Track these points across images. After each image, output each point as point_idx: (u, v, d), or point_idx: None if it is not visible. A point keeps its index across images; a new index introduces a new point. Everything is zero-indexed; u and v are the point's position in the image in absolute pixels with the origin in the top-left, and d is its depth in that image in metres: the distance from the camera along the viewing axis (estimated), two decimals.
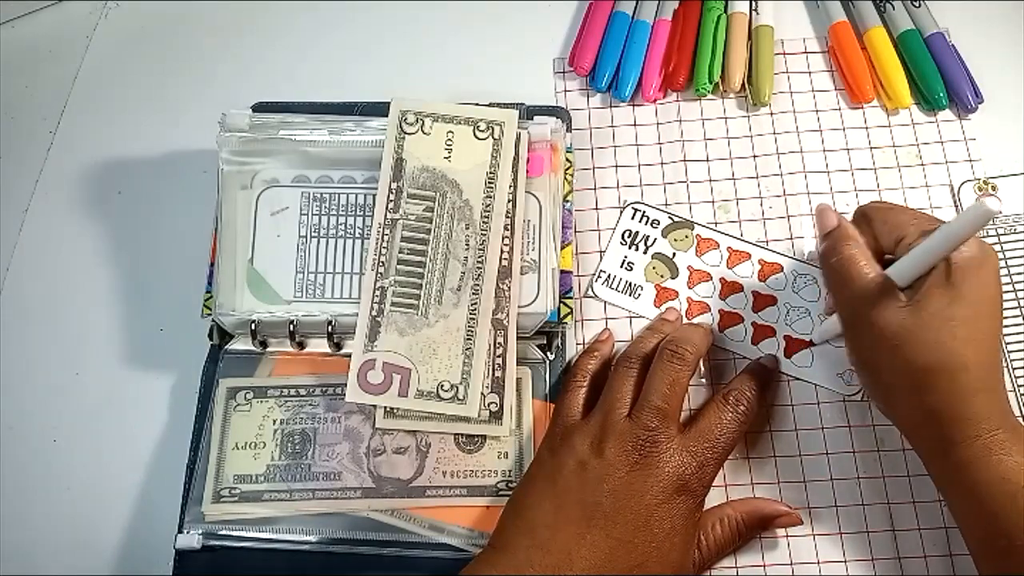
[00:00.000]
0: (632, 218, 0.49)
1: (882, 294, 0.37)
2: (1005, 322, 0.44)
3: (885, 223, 0.40)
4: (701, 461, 0.39)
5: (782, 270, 0.47)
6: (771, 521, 0.42)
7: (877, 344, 0.37)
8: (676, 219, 0.49)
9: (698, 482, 0.39)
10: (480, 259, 0.44)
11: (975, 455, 0.35)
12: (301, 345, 0.45)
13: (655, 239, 0.49)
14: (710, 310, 0.47)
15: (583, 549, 0.37)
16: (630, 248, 0.49)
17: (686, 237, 0.49)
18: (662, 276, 0.48)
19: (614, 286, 0.48)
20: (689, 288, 0.48)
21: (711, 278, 0.48)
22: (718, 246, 0.48)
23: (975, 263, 0.36)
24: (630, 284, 0.48)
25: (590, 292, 0.48)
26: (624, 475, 0.38)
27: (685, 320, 0.47)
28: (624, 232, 0.49)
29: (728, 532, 0.41)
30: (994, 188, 0.49)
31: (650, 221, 0.49)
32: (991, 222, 0.44)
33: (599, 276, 0.48)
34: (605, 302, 0.48)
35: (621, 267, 0.48)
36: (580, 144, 0.51)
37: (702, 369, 0.46)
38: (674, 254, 0.48)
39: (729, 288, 0.47)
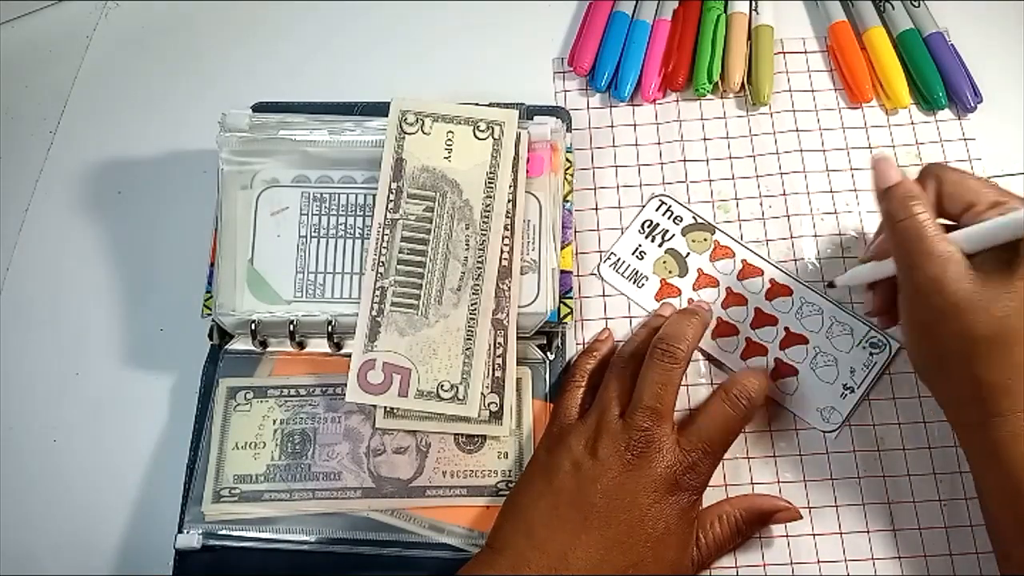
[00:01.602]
0: (656, 209, 0.49)
1: (952, 261, 0.37)
2: None
3: (957, 185, 0.39)
4: (695, 459, 0.39)
5: (791, 294, 0.47)
6: (770, 517, 0.42)
7: (940, 310, 0.37)
8: (699, 220, 0.49)
9: (692, 480, 0.39)
10: (480, 259, 0.44)
11: (1019, 430, 0.35)
12: (301, 345, 0.45)
13: (673, 235, 0.49)
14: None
15: (578, 549, 0.37)
16: (647, 238, 0.49)
17: (704, 240, 0.49)
18: (670, 272, 0.48)
19: (620, 271, 0.48)
20: (694, 290, 0.48)
21: (718, 285, 0.48)
22: (733, 255, 0.48)
23: None
24: (637, 272, 0.48)
25: (595, 271, 0.48)
26: (617, 475, 0.38)
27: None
28: (645, 222, 0.49)
29: (727, 529, 0.41)
30: None
31: (673, 216, 0.49)
32: None
33: (608, 257, 0.48)
34: (607, 283, 0.48)
35: (632, 254, 0.48)
36: (580, 144, 0.51)
37: (702, 368, 0.46)
38: (688, 254, 0.48)
39: (733, 299, 0.47)
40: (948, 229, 0.38)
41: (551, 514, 0.38)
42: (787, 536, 0.43)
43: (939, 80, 0.51)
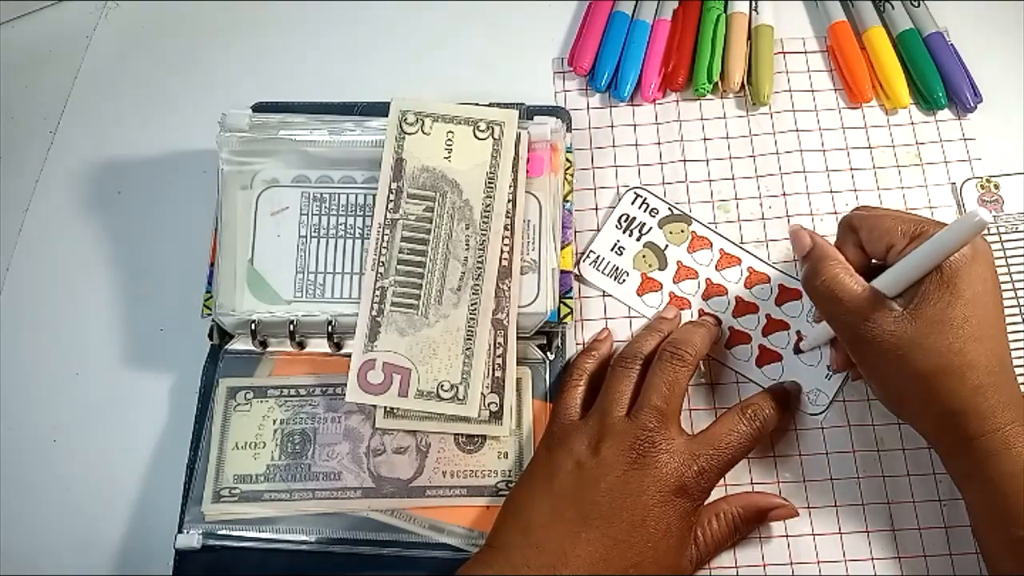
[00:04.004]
0: (632, 203, 0.49)
1: (874, 307, 0.37)
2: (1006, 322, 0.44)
3: (872, 231, 0.39)
4: (703, 466, 0.39)
5: (768, 281, 0.47)
6: (767, 514, 0.42)
7: (881, 357, 0.37)
8: (675, 212, 0.49)
9: (697, 486, 0.39)
10: (480, 259, 0.44)
11: (994, 448, 0.36)
12: (301, 345, 0.45)
13: (651, 228, 0.49)
14: (690, 307, 0.47)
15: (578, 548, 0.37)
16: (624, 233, 0.49)
17: (682, 231, 0.49)
18: (650, 265, 0.48)
19: (601, 268, 0.48)
20: (674, 283, 0.48)
21: (697, 276, 0.48)
22: (711, 246, 0.48)
23: (967, 260, 0.36)
24: (617, 268, 0.48)
25: (576, 271, 0.48)
26: (621, 475, 0.38)
27: (688, 319, 0.47)
28: (621, 216, 0.49)
29: (725, 527, 0.41)
30: (996, 187, 0.49)
31: (649, 209, 0.49)
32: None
33: (587, 256, 0.48)
34: (587, 282, 0.48)
35: (611, 251, 0.48)
36: (580, 144, 0.51)
37: (702, 368, 0.46)
38: (666, 246, 0.48)
39: (713, 290, 0.47)
40: (879, 271, 0.38)
41: (551, 513, 0.38)
42: (787, 536, 0.43)
43: (939, 80, 0.51)
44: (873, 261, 0.41)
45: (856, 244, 0.41)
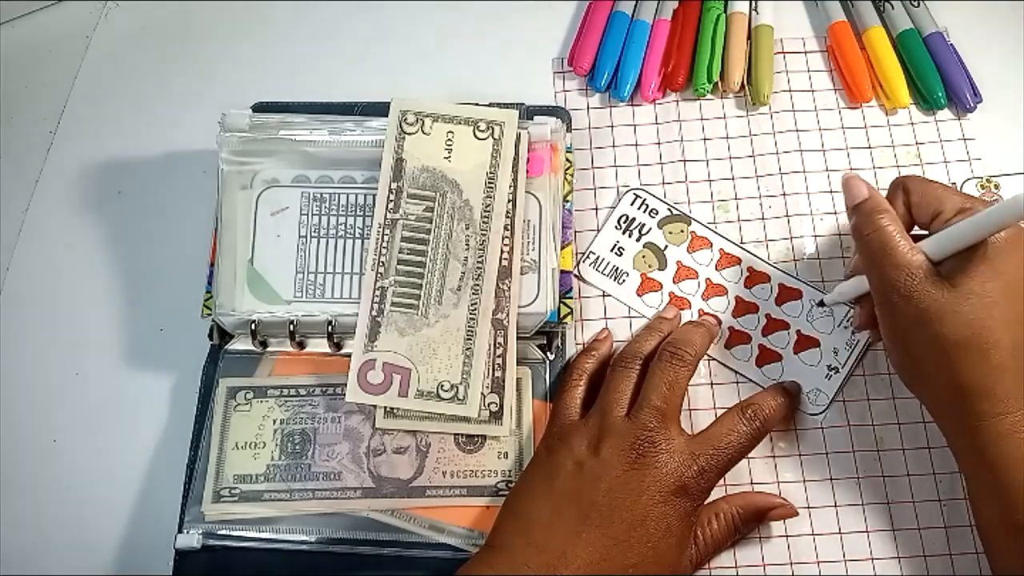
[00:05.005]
0: (631, 204, 0.49)
1: (919, 269, 0.37)
2: None
3: (924, 195, 0.40)
4: (703, 466, 0.39)
5: (769, 281, 0.47)
6: (766, 514, 0.42)
7: (911, 318, 0.37)
8: (675, 212, 0.49)
9: (697, 486, 0.39)
10: (480, 259, 0.44)
11: (1003, 431, 0.36)
12: (301, 345, 0.45)
13: (650, 228, 0.49)
14: (690, 307, 0.47)
15: (578, 548, 0.37)
16: (624, 234, 0.49)
17: (681, 231, 0.49)
18: (650, 266, 0.48)
19: (600, 268, 0.48)
20: (674, 283, 0.48)
21: (697, 276, 0.48)
22: (711, 246, 0.48)
23: (1011, 244, 0.36)
24: (617, 269, 0.48)
25: (576, 271, 0.48)
26: (621, 474, 0.38)
27: (688, 319, 0.47)
28: (621, 217, 0.49)
29: (724, 527, 0.41)
30: (996, 187, 0.49)
31: (648, 210, 0.49)
32: None
33: (587, 256, 0.48)
34: (587, 282, 0.48)
35: (611, 251, 0.48)
36: (579, 144, 0.51)
37: (702, 368, 0.46)
38: (666, 247, 0.48)
39: (713, 290, 0.47)
40: (920, 238, 0.38)
41: (551, 513, 0.38)
42: (786, 536, 0.43)
43: (939, 80, 0.51)
44: (916, 230, 0.41)
45: (905, 204, 0.41)
